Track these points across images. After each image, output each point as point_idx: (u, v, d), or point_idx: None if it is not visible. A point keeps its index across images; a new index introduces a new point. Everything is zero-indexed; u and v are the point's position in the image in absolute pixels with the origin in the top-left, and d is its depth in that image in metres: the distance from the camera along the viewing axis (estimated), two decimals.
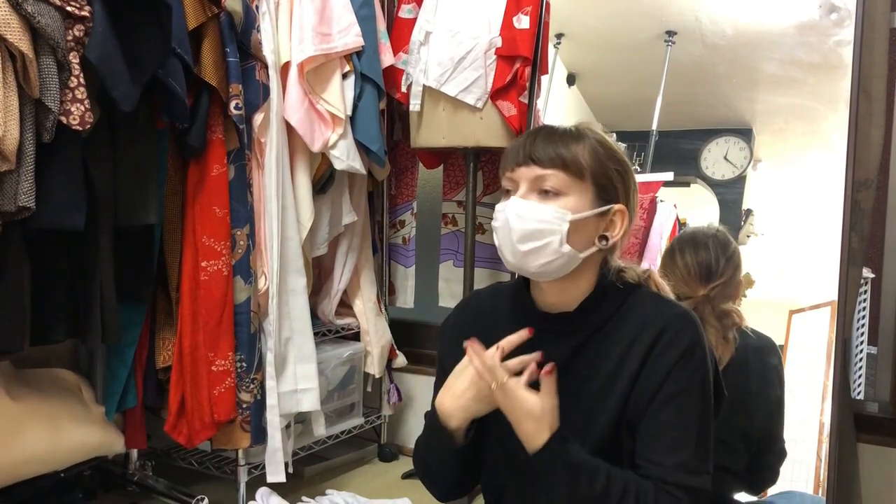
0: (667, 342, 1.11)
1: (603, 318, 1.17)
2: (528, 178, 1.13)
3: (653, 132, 3.56)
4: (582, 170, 1.12)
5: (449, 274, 2.65)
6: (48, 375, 1.85)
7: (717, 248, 1.62)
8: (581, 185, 1.12)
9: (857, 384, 2.01)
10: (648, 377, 1.11)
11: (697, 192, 4.08)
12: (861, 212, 1.70)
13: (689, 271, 1.61)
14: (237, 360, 1.89)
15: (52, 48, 1.40)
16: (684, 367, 1.10)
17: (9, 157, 1.35)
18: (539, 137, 1.14)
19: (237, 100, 1.82)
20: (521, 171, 1.13)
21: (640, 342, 1.12)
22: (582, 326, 1.17)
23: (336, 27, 2.09)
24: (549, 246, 1.11)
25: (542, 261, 1.12)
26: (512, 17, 2.17)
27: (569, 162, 1.11)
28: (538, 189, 1.12)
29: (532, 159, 1.12)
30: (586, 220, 1.12)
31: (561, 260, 1.12)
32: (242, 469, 2.01)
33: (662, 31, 3.30)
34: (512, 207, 1.13)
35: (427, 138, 2.31)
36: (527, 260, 1.12)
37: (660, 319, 1.13)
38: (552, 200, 1.11)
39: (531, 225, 1.11)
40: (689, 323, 1.13)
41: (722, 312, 1.58)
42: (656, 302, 1.18)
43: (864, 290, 1.98)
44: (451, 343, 1.31)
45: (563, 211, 1.11)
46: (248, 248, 1.90)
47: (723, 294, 1.59)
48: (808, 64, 3.02)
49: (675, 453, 1.09)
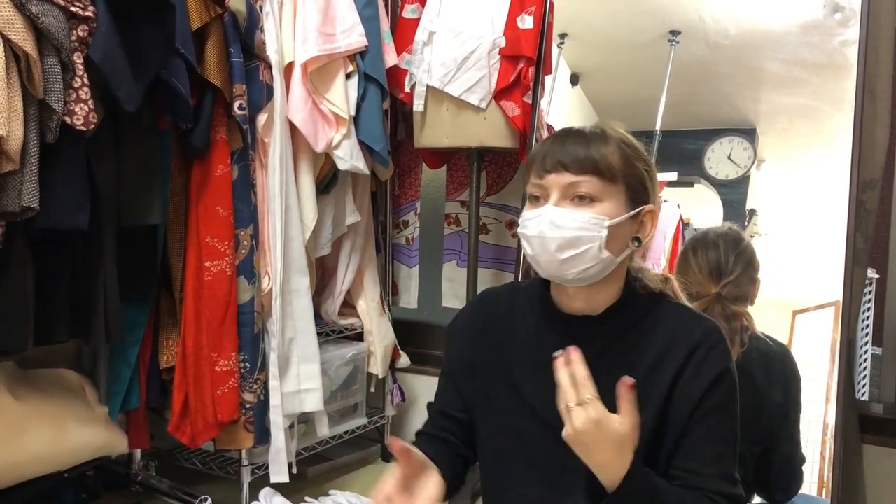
0: (701, 359, 1.11)
1: (628, 325, 1.16)
2: (559, 185, 1.10)
3: (656, 132, 3.56)
4: (614, 173, 1.10)
5: (452, 274, 2.65)
6: (52, 375, 1.85)
7: (726, 246, 1.64)
8: (614, 188, 1.11)
9: (862, 385, 2.01)
10: (684, 392, 1.11)
11: (701, 191, 4.08)
12: (866, 212, 1.69)
13: (701, 270, 1.63)
14: (240, 361, 1.89)
15: (56, 48, 1.40)
16: (721, 384, 1.11)
17: (13, 158, 1.35)
18: (567, 142, 1.12)
19: (241, 100, 1.82)
20: (551, 178, 1.11)
21: (672, 356, 1.12)
22: (606, 332, 1.16)
23: (339, 27, 2.09)
24: (588, 252, 1.09)
25: (581, 267, 1.10)
26: (515, 17, 2.17)
27: (601, 166, 1.09)
28: (572, 195, 1.10)
29: (563, 165, 1.09)
30: (622, 223, 1.11)
31: (599, 266, 1.11)
32: (246, 469, 2.01)
33: (666, 31, 3.30)
34: (547, 216, 1.10)
35: (430, 138, 2.31)
36: (565, 267, 1.11)
37: (692, 335, 1.13)
38: (588, 207, 1.10)
39: (570, 233, 1.09)
40: (720, 339, 1.14)
41: (732, 314, 1.59)
42: (685, 314, 1.18)
43: (868, 291, 1.97)
44: (460, 342, 1.30)
45: (600, 217, 1.09)
46: (252, 249, 1.90)
47: (735, 292, 1.61)
48: (813, 64, 3.02)
49: (717, 464, 1.10)
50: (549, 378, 1.15)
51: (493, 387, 1.24)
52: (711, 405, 1.10)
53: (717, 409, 1.11)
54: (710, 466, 1.10)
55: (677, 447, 1.12)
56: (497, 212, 2.57)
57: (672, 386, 1.12)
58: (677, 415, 1.12)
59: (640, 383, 1.11)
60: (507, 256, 2.57)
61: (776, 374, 1.64)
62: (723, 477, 1.10)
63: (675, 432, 1.12)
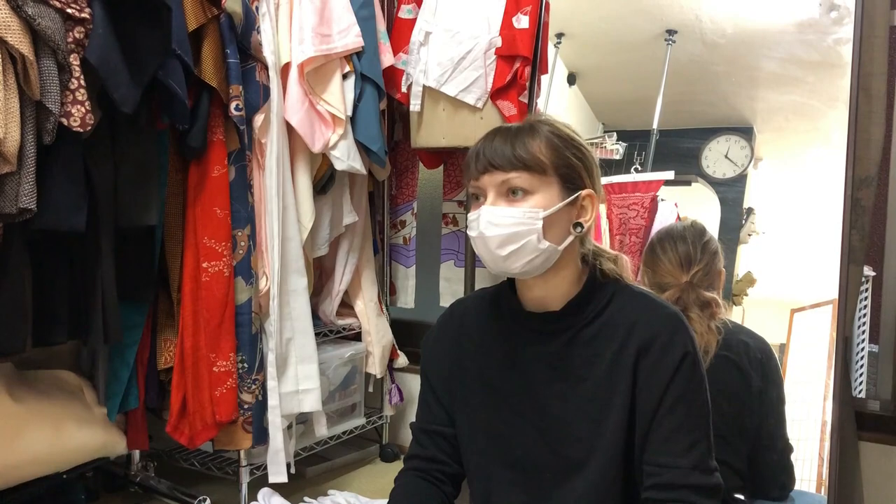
0: (661, 346, 1.12)
1: (590, 316, 1.17)
2: (493, 185, 1.13)
3: (653, 131, 3.56)
4: (543, 165, 1.12)
5: (450, 274, 2.65)
6: (50, 377, 1.85)
7: (693, 237, 1.70)
8: (546, 179, 1.12)
9: (859, 382, 2.01)
10: (648, 384, 1.12)
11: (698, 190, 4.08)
12: (861, 210, 1.70)
13: (671, 262, 1.69)
14: (238, 361, 1.89)
15: (53, 50, 1.40)
16: (685, 370, 1.11)
17: (10, 159, 1.35)
18: (495, 141, 1.14)
19: (238, 101, 1.83)
20: (485, 179, 1.14)
21: (631, 343, 1.13)
22: (569, 324, 1.17)
23: (336, 28, 2.09)
24: (527, 245, 1.11)
25: (523, 261, 1.12)
26: (511, 16, 2.17)
27: (529, 161, 1.11)
28: (505, 192, 1.13)
29: (493, 165, 1.12)
30: (558, 212, 1.13)
31: (542, 256, 1.12)
32: (244, 470, 2.01)
33: (662, 31, 3.31)
34: (484, 216, 1.13)
35: (427, 138, 2.31)
36: (508, 263, 1.13)
37: (651, 321, 1.14)
38: (521, 201, 1.12)
39: (506, 230, 1.11)
40: (680, 324, 1.14)
41: (704, 301, 1.64)
42: (645, 301, 1.18)
43: (865, 288, 1.97)
44: (435, 354, 1.32)
45: (534, 210, 1.11)
46: (249, 249, 1.90)
47: (704, 281, 1.66)
48: (808, 62, 3.02)
49: (689, 455, 1.10)
50: (523, 376, 1.18)
51: (471, 393, 1.25)
52: (677, 393, 1.11)
53: (684, 397, 1.11)
54: (683, 458, 1.10)
55: (648, 440, 1.12)
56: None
57: (634, 374, 1.12)
58: (644, 405, 1.12)
59: (604, 374, 1.14)
60: None
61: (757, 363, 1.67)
62: (696, 467, 1.09)
63: (645, 424, 1.12)
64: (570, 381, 1.16)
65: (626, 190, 3.14)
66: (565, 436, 1.16)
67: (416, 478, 1.29)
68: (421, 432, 1.32)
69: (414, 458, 1.32)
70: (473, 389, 1.25)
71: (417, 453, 1.32)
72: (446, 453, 1.29)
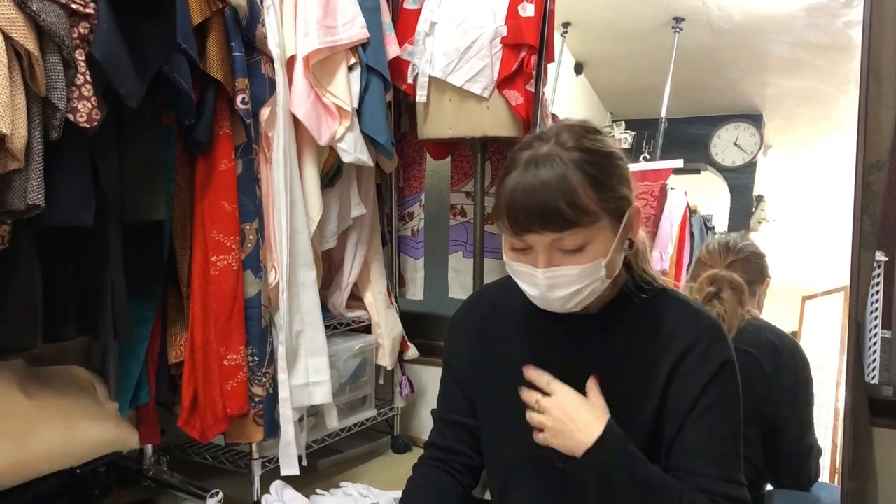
0: (699, 355, 1.09)
1: (626, 319, 1.14)
2: (543, 245, 1.04)
3: (662, 119, 3.54)
4: (595, 215, 1.03)
5: (458, 265, 2.65)
6: (62, 373, 1.86)
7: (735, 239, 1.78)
8: (598, 224, 1.04)
9: (872, 368, 2.00)
10: (682, 390, 1.09)
11: (708, 178, 4.06)
12: (873, 194, 1.68)
13: (711, 252, 1.77)
14: (249, 355, 1.90)
15: (58, 46, 1.40)
16: (719, 380, 1.09)
17: (17, 156, 1.35)
18: (534, 191, 1.01)
19: (243, 94, 1.82)
20: (532, 238, 1.04)
21: (669, 352, 1.10)
22: (604, 326, 1.15)
23: (341, 19, 2.09)
24: (592, 292, 1.08)
25: (587, 302, 1.10)
26: (517, 5, 2.16)
27: (578, 217, 1.01)
28: (559, 249, 1.04)
29: (539, 225, 1.01)
30: (615, 248, 1.07)
31: (601, 289, 1.09)
32: (256, 463, 2.02)
33: (670, 18, 3.28)
34: (543, 280, 1.05)
35: (434, 129, 2.30)
36: (570, 306, 1.09)
37: (690, 331, 1.11)
38: (580, 255, 1.04)
39: (571, 288, 1.05)
40: (719, 335, 1.11)
41: (737, 284, 1.68)
42: (684, 309, 1.15)
43: (877, 274, 1.96)
44: (459, 342, 1.29)
45: (596, 262, 1.04)
46: (258, 243, 1.90)
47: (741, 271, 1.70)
48: (817, 46, 2.99)
49: (715, 464, 1.08)
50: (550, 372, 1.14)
51: (494, 384, 1.23)
52: (710, 401, 1.08)
53: (716, 406, 1.08)
54: (709, 467, 1.07)
55: (674, 446, 1.10)
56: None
57: (668, 381, 1.10)
58: (675, 411, 1.09)
59: (638, 379, 1.11)
60: None
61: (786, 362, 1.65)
62: (723, 478, 1.07)
63: (673, 430, 1.10)
64: (604, 384, 1.12)
65: (635, 179, 3.13)
66: None
67: (434, 468, 1.28)
68: (441, 421, 1.30)
69: (433, 447, 1.30)
70: (497, 381, 1.22)
71: (437, 442, 1.30)
72: (466, 444, 1.27)
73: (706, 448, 1.08)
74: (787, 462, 1.67)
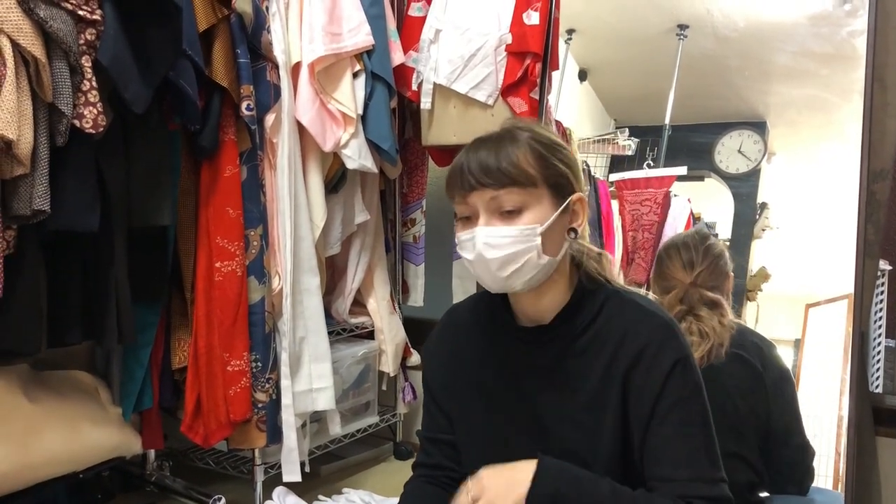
0: (650, 358, 1.09)
1: (581, 326, 1.14)
2: (483, 202, 1.09)
3: (666, 126, 3.54)
4: (533, 178, 1.08)
5: (462, 272, 2.65)
6: (65, 377, 1.86)
7: (695, 243, 1.76)
8: (536, 192, 1.09)
9: (876, 377, 1.99)
10: (639, 396, 1.09)
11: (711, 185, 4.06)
12: (877, 203, 1.69)
13: (675, 266, 1.75)
14: (252, 360, 1.90)
15: (65, 52, 1.40)
16: (676, 378, 1.08)
17: (23, 161, 1.36)
18: (480, 154, 1.09)
19: (249, 101, 1.83)
20: (473, 197, 1.09)
21: (623, 354, 1.10)
22: (560, 335, 1.15)
23: (346, 26, 2.09)
24: (528, 263, 1.08)
25: (525, 278, 1.10)
26: (522, 12, 2.17)
27: (518, 175, 1.07)
28: (498, 211, 1.09)
29: (481, 182, 1.08)
30: (553, 223, 1.10)
31: (542, 271, 1.10)
32: (259, 469, 2.02)
33: (674, 25, 3.29)
34: (480, 237, 1.09)
35: (438, 136, 2.31)
36: (510, 282, 1.10)
37: (640, 334, 1.10)
38: (517, 219, 1.08)
39: (505, 251, 1.08)
40: (670, 332, 1.11)
41: (711, 301, 1.68)
42: (635, 309, 1.14)
43: (881, 283, 1.96)
44: (433, 363, 1.32)
45: (531, 227, 1.08)
46: (262, 249, 1.91)
47: (708, 281, 1.71)
48: (821, 55, 2.99)
49: (687, 466, 1.07)
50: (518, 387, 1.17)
51: (468, 401, 1.25)
52: (669, 403, 1.07)
53: (676, 407, 1.07)
54: (682, 469, 1.06)
55: (644, 454, 1.09)
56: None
57: (625, 388, 1.09)
58: (638, 418, 1.09)
59: (597, 388, 1.11)
60: None
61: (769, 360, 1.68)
62: (697, 478, 1.06)
63: (639, 437, 1.09)
64: (563, 392, 1.14)
65: (638, 186, 3.13)
66: (561, 447, 1.14)
67: (425, 483, 1.30)
68: (427, 441, 1.33)
69: (421, 467, 1.33)
70: (470, 398, 1.24)
71: (424, 461, 1.32)
72: (452, 459, 1.29)
73: (674, 452, 1.07)
74: (780, 459, 1.68)
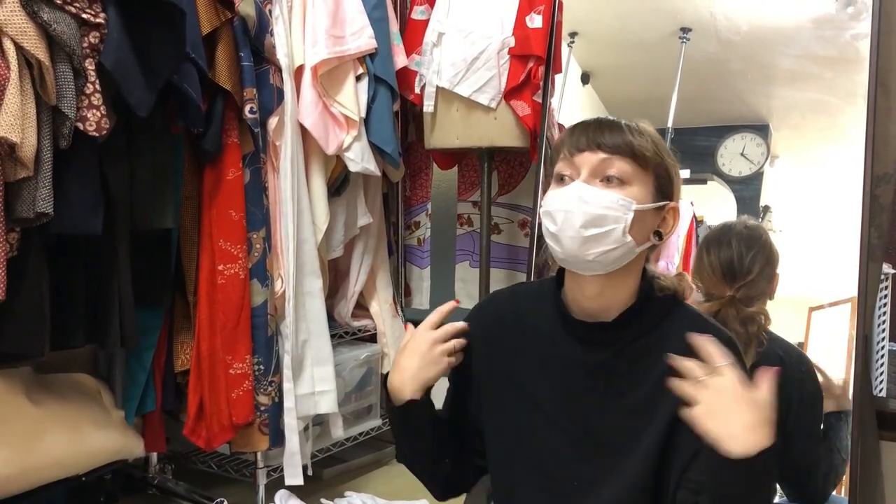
0: None
1: (642, 331, 1.13)
2: (591, 164, 1.08)
3: (668, 130, 3.54)
4: (647, 160, 1.08)
5: (465, 275, 2.65)
6: (68, 380, 1.87)
7: (740, 245, 1.57)
8: (644, 175, 1.09)
9: (879, 381, 1.99)
10: None
11: (714, 189, 4.05)
12: (880, 207, 1.68)
13: (714, 271, 1.57)
14: (255, 363, 1.90)
15: (69, 55, 1.41)
16: None
17: (27, 164, 1.36)
18: (604, 124, 1.10)
19: (252, 104, 1.83)
20: (584, 157, 1.08)
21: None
22: (619, 338, 1.13)
23: (349, 30, 2.09)
24: (612, 233, 1.06)
25: (602, 248, 1.06)
26: (524, 16, 2.17)
27: (635, 150, 1.07)
28: (602, 175, 1.08)
29: (598, 145, 1.07)
30: (647, 211, 1.09)
31: (620, 250, 1.07)
32: (261, 472, 2.02)
33: (677, 28, 3.28)
34: (575, 191, 1.07)
35: (441, 139, 2.31)
36: (586, 247, 1.06)
37: None
38: (617, 188, 1.07)
39: (597, 210, 1.06)
40: (734, 350, 1.09)
41: (747, 317, 1.53)
42: (703, 323, 1.14)
43: (884, 286, 1.95)
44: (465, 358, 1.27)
45: (628, 199, 1.06)
46: (265, 252, 1.91)
47: (751, 293, 1.54)
48: (825, 58, 2.99)
49: None
50: (560, 383, 1.14)
51: (500, 393, 1.22)
52: None
53: None
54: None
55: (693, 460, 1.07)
56: (509, 211, 2.57)
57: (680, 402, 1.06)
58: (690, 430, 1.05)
59: (650, 394, 1.09)
60: (519, 256, 2.57)
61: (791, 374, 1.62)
62: None
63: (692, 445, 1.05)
64: (609, 394, 1.12)
65: None
66: (598, 448, 1.12)
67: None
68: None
69: None
70: (503, 390, 1.21)
71: None
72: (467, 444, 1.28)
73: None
74: (792, 474, 1.65)
